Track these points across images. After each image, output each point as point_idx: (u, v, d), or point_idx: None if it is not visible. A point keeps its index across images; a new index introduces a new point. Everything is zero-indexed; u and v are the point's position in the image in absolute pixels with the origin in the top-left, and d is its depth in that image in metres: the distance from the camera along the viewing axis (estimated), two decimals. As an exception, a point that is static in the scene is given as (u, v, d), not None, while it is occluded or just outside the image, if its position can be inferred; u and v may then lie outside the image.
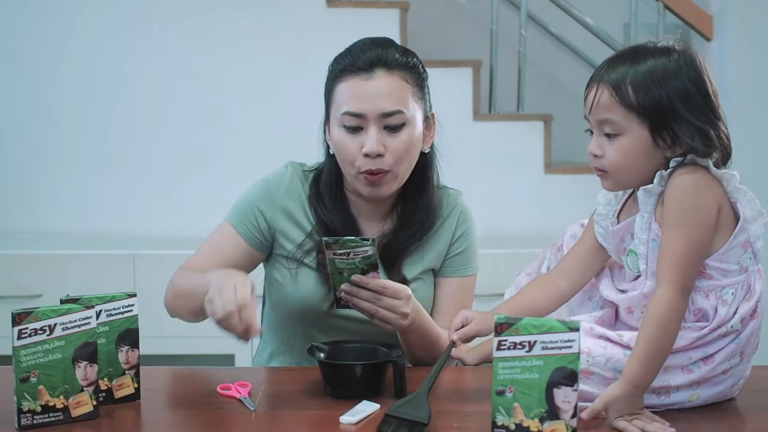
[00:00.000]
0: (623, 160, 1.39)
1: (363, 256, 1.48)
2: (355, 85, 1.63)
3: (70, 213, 3.64)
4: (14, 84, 3.61)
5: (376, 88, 1.63)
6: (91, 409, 1.37)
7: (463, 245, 1.78)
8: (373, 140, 1.62)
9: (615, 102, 1.38)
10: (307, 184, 1.75)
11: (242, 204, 1.76)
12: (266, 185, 1.75)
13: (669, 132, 1.37)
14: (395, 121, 1.64)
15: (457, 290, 1.77)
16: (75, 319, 1.34)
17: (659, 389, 1.38)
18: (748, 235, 1.40)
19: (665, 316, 1.32)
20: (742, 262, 1.40)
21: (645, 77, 1.37)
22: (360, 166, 1.64)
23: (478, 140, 3.64)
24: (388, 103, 1.63)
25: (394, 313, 1.53)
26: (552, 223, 3.60)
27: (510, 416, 1.24)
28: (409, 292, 1.56)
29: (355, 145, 1.63)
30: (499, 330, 1.24)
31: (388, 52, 1.66)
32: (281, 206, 1.73)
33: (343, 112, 1.63)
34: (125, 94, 3.62)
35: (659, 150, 1.38)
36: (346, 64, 1.65)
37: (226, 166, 3.61)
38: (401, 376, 1.45)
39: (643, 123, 1.37)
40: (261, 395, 1.49)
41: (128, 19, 3.60)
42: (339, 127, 1.65)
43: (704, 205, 1.35)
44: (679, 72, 1.37)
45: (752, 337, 1.42)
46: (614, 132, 1.39)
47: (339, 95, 1.65)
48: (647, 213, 1.41)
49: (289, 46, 3.56)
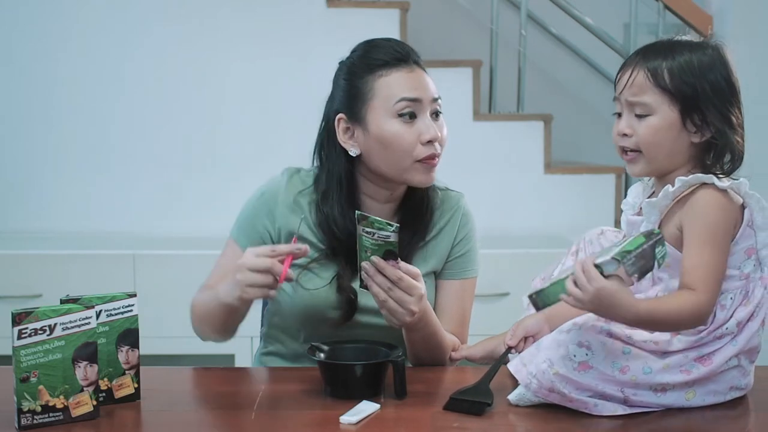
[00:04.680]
0: (653, 137, 1.43)
1: (385, 240, 1.48)
2: (403, 75, 1.65)
3: (70, 213, 3.64)
4: (14, 84, 3.61)
5: (419, 77, 1.67)
6: (91, 409, 1.37)
7: (465, 248, 1.78)
8: (433, 127, 1.64)
9: (650, 83, 1.42)
10: (307, 190, 1.74)
11: (246, 221, 1.74)
12: (265, 197, 1.73)
13: (698, 116, 1.41)
14: (439, 107, 1.68)
15: (458, 292, 1.78)
16: (75, 319, 1.34)
17: (656, 387, 1.39)
18: (754, 242, 1.42)
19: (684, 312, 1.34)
20: (744, 268, 1.42)
21: (681, 66, 1.42)
22: (418, 154, 1.64)
23: (478, 140, 3.64)
24: (433, 90, 1.67)
25: (402, 307, 1.53)
26: (552, 223, 3.63)
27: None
28: (422, 291, 1.55)
29: (412, 135, 1.63)
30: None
31: (410, 49, 1.70)
32: (283, 216, 1.72)
33: (400, 98, 1.63)
34: (125, 94, 3.62)
35: (686, 133, 1.43)
36: (385, 59, 1.66)
37: (226, 166, 3.62)
38: (401, 376, 1.45)
39: (674, 105, 1.42)
40: (261, 395, 1.49)
41: (128, 19, 3.60)
42: (392, 118, 1.64)
43: (728, 223, 1.39)
44: (713, 66, 1.43)
45: (751, 339, 1.42)
46: (645, 113, 1.43)
47: (385, 87, 1.64)
48: (651, 224, 1.43)
49: (289, 46, 3.56)
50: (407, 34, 3.62)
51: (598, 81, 4.18)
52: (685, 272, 1.38)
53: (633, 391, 1.38)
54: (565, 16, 3.89)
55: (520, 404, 1.41)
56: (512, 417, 1.39)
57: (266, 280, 1.49)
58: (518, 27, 3.81)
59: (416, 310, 1.54)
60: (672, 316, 1.34)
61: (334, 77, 1.73)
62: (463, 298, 1.78)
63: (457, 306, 1.77)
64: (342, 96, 1.69)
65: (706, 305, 1.36)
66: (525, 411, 1.40)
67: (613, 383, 1.38)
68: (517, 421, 1.37)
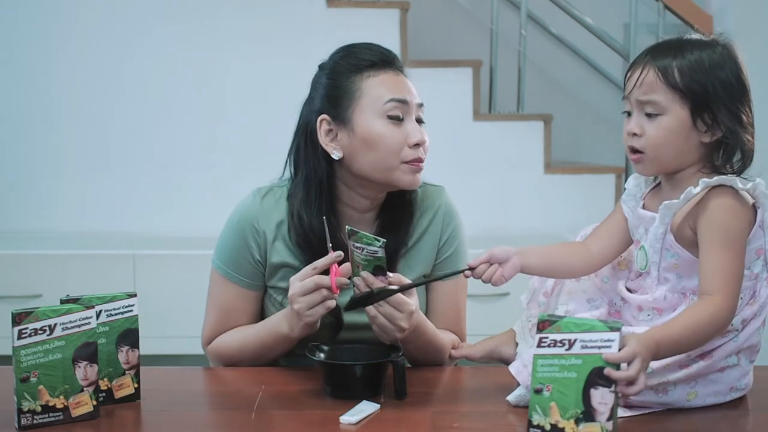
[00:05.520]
0: (663, 139, 1.42)
1: (374, 255, 1.48)
2: (390, 77, 1.64)
3: (70, 213, 3.64)
4: (14, 84, 3.62)
5: (406, 82, 1.66)
6: (91, 409, 1.37)
7: (453, 247, 1.76)
8: (420, 131, 1.64)
9: (660, 82, 1.41)
10: (283, 209, 1.69)
11: (228, 252, 1.70)
12: (241, 225, 1.69)
13: (709, 115, 1.40)
14: (422, 114, 1.67)
15: (450, 291, 1.76)
16: (75, 319, 1.34)
17: (657, 386, 1.39)
18: (764, 242, 1.41)
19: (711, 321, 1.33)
20: (753, 268, 1.42)
21: (692, 64, 1.40)
22: (405, 156, 1.62)
23: (478, 140, 3.64)
24: (417, 96, 1.67)
25: (391, 323, 1.52)
26: (552, 223, 3.63)
27: (546, 416, 1.23)
28: (412, 307, 1.53)
29: (399, 136, 1.62)
30: (540, 327, 1.23)
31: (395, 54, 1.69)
32: (264, 242, 1.68)
33: (390, 98, 1.62)
34: (125, 94, 3.63)
35: (696, 133, 1.41)
36: (372, 60, 1.64)
37: (226, 166, 3.62)
38: (401, 376, 1.45)
39: (684, 104, 1.40)
40: (261, 395, 1.49)
41: (128, 19, 3.60)
42: (380, 118, 1.62)
43: (743, 225, 1.38)
44: (723, 64, 1.42)
45: (752, 337, 1.42)
46: (655, 112, 1.42)
47: (373, 88, 1.63)
48: (664, 225, 1.42)
49: (289, 46, 3.56)
50: (407, 34, 3.62)
51: (598, 81, 4.18)
52: (703, 277, 1.38)
53: (634, 391, 1.38)
54: (565, 16, 3.89)
55: (519, 405, 1.41)
56: (512, 417, 1.39)
57: (320, 296, 1.50)
58: (518, 27, 3.81)
59: (406, 327, 1.52)
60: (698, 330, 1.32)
61: (314, 80, 1.70)
62: (456, 296, 1.77)
63: (451, 305, 1.76)
64: (325, 97, 1.66)
65: (728, 310, 1.35)
66: (525, 411, 1.40)
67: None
68: (517, 421, 1.37)
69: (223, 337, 1.70)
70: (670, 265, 1.43)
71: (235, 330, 1.70)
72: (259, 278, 1.70)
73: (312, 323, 1.54)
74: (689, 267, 1.41)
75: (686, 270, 1.42)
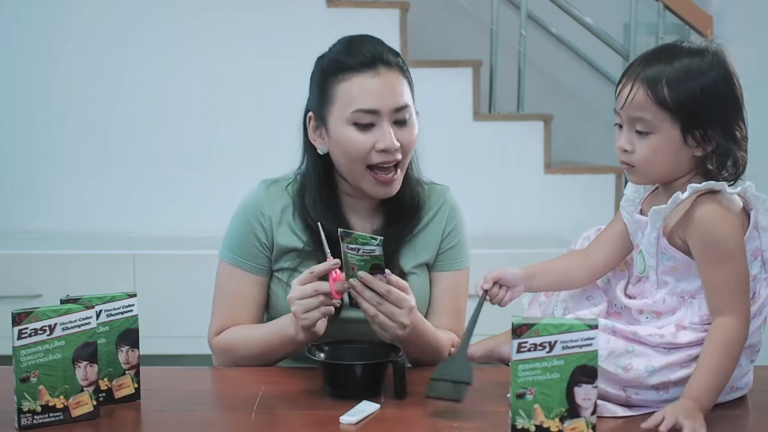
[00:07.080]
0: (653, 157, 1.41)
1: (370, 255, 1.48)
2: (364, 82, 1.62)
3: (70, 213, 3.65)
4: (14, 84, 3.62)
5: (384, 84, 1.62)
6: (91, 409, 1.37)
7: (455, 240, 1.78)
8: (390, 135, 1.61)
9: (650, 101, 1.39)
10: (288, 196, 1.72)
11: (236, 240, 1.72)
12: (248, 211, 1.72)
13: (699, 131, 1.39)
14: (404, 116, 1.64)
15: (451, 284, 1.78)
16: (75, 319, 1.34)
17: (658, 385, 1.39)
18: (760, 243, 1.41)
19: (732, 344, 1.35)
20: (751, 269, 1.41)
21: (680, 75, 1.38)
22: (371, 160, 1.62)
23: (478, 140, 3.64)
24: (397, 98, 1.63)
25: (392, 321, 1.52)
26: (552, 223, 3.63)
27: (530, 418, 1.24)
28: (412, 303, 1.54)
29: (366, 142, 1.62)
30: (518, 332, 1.23)
31: (383, 48, 1.66)
32: (269, 226, 1.71)
33: (356, 109, 1.61)
34: (125, 94, 3.63)
35: (688, 148, 1.40)
36: (349, 63, 1.63)
37: (226, 166, 3.62)
38: (401, 376, 1.45)
39: (675, 123, 1.39)
40: (261, 395, 1.49)
41: (128, 19, 3.60)
42: (347, 125, 1.62)
43: (736, 231, 1.38)
44: (711, 71, 1.39)
45: (752, 337, 1.42)
46: (646, 130, 1.40)
47: (344, 94, 1.62)
48: (656, 230, 1.43)
49: (289, 46, 3.56)
50: (407, 34, 3.62)
51: (598, 81, 4.18)
52: (708, 296, 1.38)
53: (635, 390, 1.38)
54: (565, 16, 3.89)
55: (520, 404, 1.41)
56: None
57: (317, 300, 1.51)
58: (518, 27, 3.81)
59: (407, 323, 1.53)
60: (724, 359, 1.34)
61: (311, 73, 1.72)
62: (456, 290, 1.78)
63: (451, 298, 1.77)
64: (311, 94, 1.70)
65: (742, 324, 1.36)
66: (525, 411, 1.40)
67: (615, 382, 1.38)
68: (517, 421, 1.36)
69: (229, 331, 1.71)
70: (668, 268, 1.43)
71: (243, 327, 1.70)
72: (266, 262, 1.71)
73: (310, 327, 1.54)
74: (687, 269, 1.41)
75: (684, 272, 1.42)
